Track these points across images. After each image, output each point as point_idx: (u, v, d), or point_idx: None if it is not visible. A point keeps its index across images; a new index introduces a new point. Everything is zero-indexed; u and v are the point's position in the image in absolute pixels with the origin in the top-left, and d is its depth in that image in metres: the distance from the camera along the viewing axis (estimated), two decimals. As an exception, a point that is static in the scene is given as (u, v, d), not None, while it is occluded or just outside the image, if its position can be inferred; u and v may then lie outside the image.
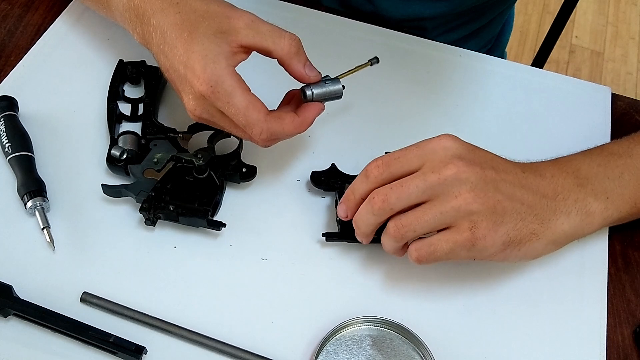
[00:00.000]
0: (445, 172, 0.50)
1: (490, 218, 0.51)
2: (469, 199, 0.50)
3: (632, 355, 0.57)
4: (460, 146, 0.52)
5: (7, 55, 0.72)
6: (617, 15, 2.20)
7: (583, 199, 0.55)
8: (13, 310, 0.53)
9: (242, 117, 0.53)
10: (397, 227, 0.52)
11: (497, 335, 0.57)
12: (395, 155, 0.53)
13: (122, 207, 0.61)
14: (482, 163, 0.52)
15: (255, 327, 0.55)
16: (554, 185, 0.55)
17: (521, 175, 0.54)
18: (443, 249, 0.51)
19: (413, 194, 0.51)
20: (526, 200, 0.53)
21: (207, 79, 0.52)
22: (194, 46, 0.53)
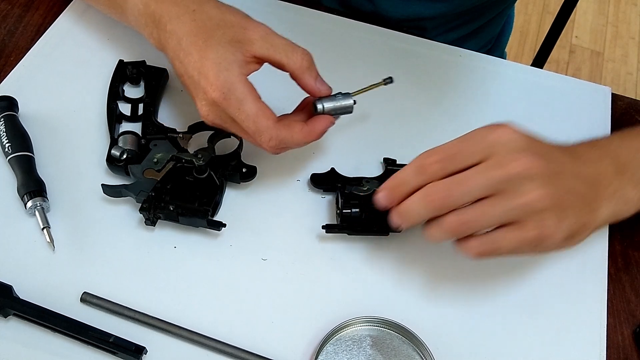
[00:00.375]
0: (512, 168, 0.48)
1: (556, 215, 0.49)
2: (537, 196, 0.48)
3: (632, 355, 0.57)
4: (521, 138, 0.50)
5: (7, 55, 0.72)
6: (617, 15, 2.20)
7: (622, 187, 0.54)
8: (13, 310, 0.53)
9: (251, 124, 0.54)
10: (460, 223, 0.49)
11: (497, 336, 0.57)
12: (453, 148, 0.50)
13: (122, 207, 0.61)
14: (544, 155, 0.50)
15: (255, 327, 0.55)
16: (597, 172, 0.53)
17: (573, 164, 0.52)
18: (508, 247, 0.49)
19: (478, 190, 0.48)
20: (580, 191, 0.51)
21: (219, 85, 0.53)
22: (209, 53, 0.54)
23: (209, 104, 0.55)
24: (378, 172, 0.64)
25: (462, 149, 0.49)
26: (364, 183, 0.61)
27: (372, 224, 0.59)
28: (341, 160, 0.65)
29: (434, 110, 0.70)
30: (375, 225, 0.59)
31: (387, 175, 0.63)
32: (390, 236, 0.61)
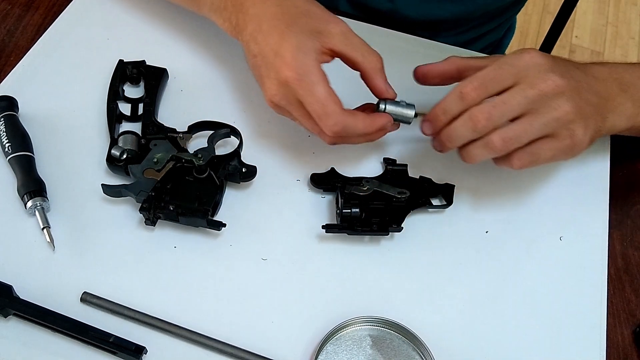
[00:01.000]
0: (544, 88, 0.54)
1: (582, 123, 0.56)
2: (567, 109, 0.54)
3: (632, 355, 0.57)
4: (548, 60, 0.56)
5: (7, 55, 0.72)
6: (617, 15, 2.20)
7: (624, 102, 0.60)
8: (13, 310, 0.53)
9: (320, 107, 0.55)
10: (505, 141, 0.54)
11: (497, 335, 0.57)
12: (488, 75, 0.55)
13: (122, 207, 0.61)
14: (566, 74, 0.56)
15: (255, 327, 0.55)
16: (606, 87, 0.60)
17: (587, 79, 0.59)
18: (546, 156, 0.56)
19: (515, 110, 0.54)
20: (595, 102, 0.58)
21: (295, 66, 0.55)
22: (289, 37, 0.56)
23: (280, 84, 0.57)
24: (378, 172, 0.64)
25: (496, 75, 0.55)
26: (364, 183, 0.61)
27: (371, 223, 0.59)
28: (341, 160, 0.65)
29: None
30: (375, 225, 0.59)
31: (386, 174, 0.63)
32: (391, 236, 0.61)
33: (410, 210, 0.61)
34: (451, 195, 0.63)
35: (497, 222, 0.63)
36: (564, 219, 0.64)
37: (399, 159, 0.65)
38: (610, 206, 0.65)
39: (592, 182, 0.66)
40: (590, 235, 0.63)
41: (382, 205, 0.60)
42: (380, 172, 0.64)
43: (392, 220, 0.60)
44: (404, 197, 0.61)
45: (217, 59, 0.73)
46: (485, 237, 0.62)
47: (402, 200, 0.61)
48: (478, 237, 0.62)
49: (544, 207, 0.64)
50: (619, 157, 0.69)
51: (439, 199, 0.63)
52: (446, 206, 0.63)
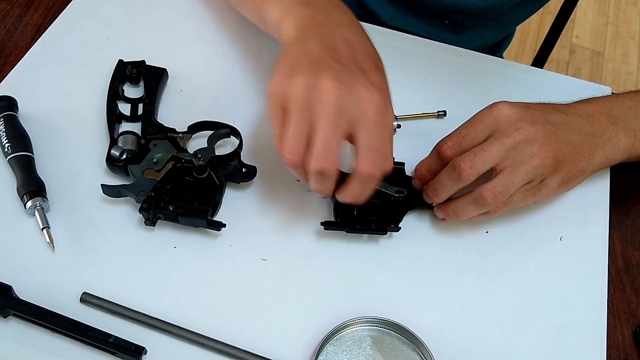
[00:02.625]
0: (518, 136, 0.56)
1: (555, 167, 0.57)
2: (542, 155, 0.56)
3: (632, 355, 0.57)
4: (517, 110, 0.57)
5: (7, 55, 0.72)
6: (617, 15, 2.20)
7: (615, 135, 0.61)
8: (13, 311, 0.53)
9: (387, 147, 0.51)
10: (495, 195, 0.56)
11: (497, 335, 0.56)
12: (462, 133, 0.58)
13: (122, 207, 0.61)
14: (539, 119, 0.57)
15: (255, 327, 0.55)
16: (592, 123, 0.61)
17: (567, 119, 0.59)
18: (518, 201, 0.58)
19: (495, 157, 0.56)
20: (576, 142, 0.59)
21: (340, 81, 0.49)
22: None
23: (308, 83, 0.49)
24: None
25: (468, 132, 0.58)
26: (363, 182, 0.61)
27: (370, 221, 0.59)
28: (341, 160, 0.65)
29: (433, 110, 0.70)
30: (374, 224, 0.59)
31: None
32: (390, 236, 0.61)
33: (408, 210, 0.61)
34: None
35: (497, 222, 0.63)
36: (564, 219, 0.64)
37: (396, 158, 0.64)
38: (611, 206, 0.65)
39: (592, 182, 0.66)
40: (591, 235, 0.63)
41: (379, 203, 0.60)
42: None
43: (390, 219, 0.60)
44: (402, 196, 0.61)
45: (217, 59, 0.73)
46: (485, 237, 0.62)
47: (400, 199, 0.61)
48: (478, 237, 0.62)
49: (544, 207, 0.64)
50: (619, 157, 0.69)
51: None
52: (446, 206, 0.63)
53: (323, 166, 0.50)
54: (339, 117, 0.49)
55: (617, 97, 0.64)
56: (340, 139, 0.50)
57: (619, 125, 0.61)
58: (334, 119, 0.49)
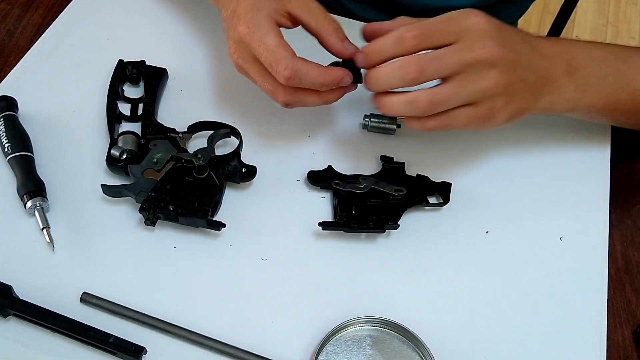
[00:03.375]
0: (480, 54, 0.53)
1: (505, 99, 0.56)
2: (496, 81, 0.54)
3: (632, 355, 0.57)
4: (492, 27, 0.55)
5: (7, 55, 0.72)
6: (617, 15, 2.20)
7: (566, 85, 0.60)
8: (13, 311, 0.53)
9: (270, 54, 0.56)
10: (431, 103, 0.54)
11: (497, 335, 0.56)
12: (432, 27, 0.55)
13: (121, 207, 0.61)
14: (507, 45, 0.55)
15: (255, 327, 0.55)
16: (550, 67, 0.59)
17: (531, 54, 0.57)
18: (460, 123, 0.56)
19: (448, 69, 0.53)
20: (530, 80, 0.57)
21: (247, 21, 0.57)
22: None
23: (236, 41, 0.59)
24: (375, 170, 0.64)
25: (439, 29, 0.54)
26: (361, 180, 0.61)
27: (368, 220, 0.59)
28: (340, 159, 0.65)
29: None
30: (372, 222, 0.59)
31: (383, 172, 0.63)
32: (387, 234, 0.61)
33: (407, 208, 0.61)
34: (448, 193, 0.63)
35: (497, 222, 0.63)
36: (564, 219, 0.64)
37: (396, 157, 0.65)
38: (611, 206, 0.65)
39: (592, 182, 0.66)
40: (591, 235, 0.63)
41: (378, 202, 0.60)
42: (377, 170, 0.64)
43: (389, 218, 0.60)
44: (401, 194, 0.61)
45: (217, 59, 0.73)
46: (485, 237, 0.62)
47: (399, 198, 0.61)
48: (477, 237, 0.62)
49: (544, 207, 0.64)
50: (619, 157, 0.69)
51: (436, 197, 0.63)
52: (443, 204, 0.63)
53: None
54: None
55: (587, 46, 0.62)
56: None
57: (573, 76, 0.60)
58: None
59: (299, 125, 0.68)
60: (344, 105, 0.65)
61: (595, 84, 0.61)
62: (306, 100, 0.59)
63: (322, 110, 0.69)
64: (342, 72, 0.58)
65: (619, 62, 0.62)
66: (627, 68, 0.62)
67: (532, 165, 0.67)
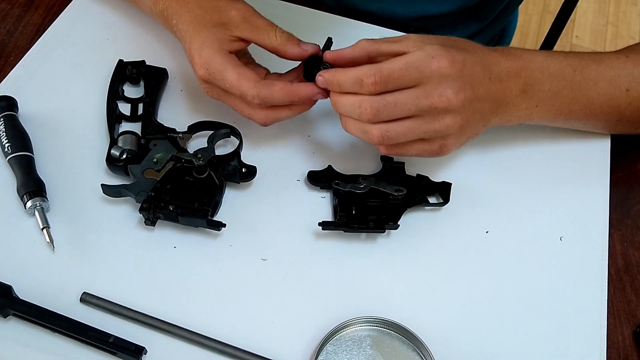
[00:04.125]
0: (437, 102, 0.54)
1: (458, 135, 0.58)
2: (450, 125, 0.56)
3: (632, 355, 0.57)
4: (453, 71, 0.55)
5: (7, 55, 0.72)
6: (618, 15, 2.20)
7: (519, 104, 0.61)
8: (13, 311, 0.53)
9: (236, 89, 0.58)
10: (383, 137, 0.56)
11: (497, 335, 0.56)
12: (393, 74, 0.55)
13: (122, 207, 0.61)
14: (466, 85, 0.56)
15: (255, 327, 0.55)
16: (505, 89, 0.59)
17: (488, 84, 0.58)
18: (411, 153, 0.58)
19: (403, 114, 0.55)
20: (485, 110, 0.59)
21: (202, 63, 0.59)
22: (195, 38, 0.60)
23: (202, 83, 0.61)
24: (375, 170, 0.64)
25: (400, 77, 0.55)
26: (361, 180, 0.61)
27: (368, 220, 0.59)
28: (340, 159, 0.65)
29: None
30: (372, 222, 0.59)
31: (383, 172, 0.63)
32: (387, 234, 0.61)
33: (407, 208, 0.61)
34: (448, 193, 0.63)
35: (497, 222, 0.63)
36: (564, 219, 0.64)
37: (397, 157, 0.65)
38: (610, 206, 0.65)
39: (592, 182, 0.66)
40: (590, 235, 0.63)
41: (378, 202, 0.60)
42: (377, 170, 0.64)
43: (389, 218, 0.60)
44: (401, 194, 0.61)
45: (217, 59, 0.73)
46: (485, 237, 0.62)
47: (399, 197, 0.61)
48: (477, 237, 0.62)
49: (544, 207, 0.64)
50: (619, 157, 0.69)
51: (436, 197, 0.63)
52: (443, 204, 0.63)
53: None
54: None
55: (546, 59, 0.61)
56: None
57: (527, 94, 0.61)
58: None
59: (299, 125, 0.68)
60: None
61: (549, 98, 0.62)
62: (281, 116, 0.61)
63: (322, 110, 0.69)
64: (312, 90, 0.59)
65: (575, 74, 0.62)
66: (583, 79, 0.62)
67: (532, 165, 0.67)
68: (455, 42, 0.58)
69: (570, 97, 0.62)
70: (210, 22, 0.60)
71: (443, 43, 0.56)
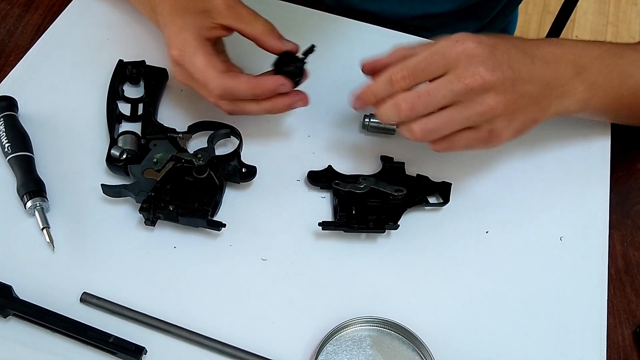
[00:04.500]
0: (471, 82, 0.53)
1: (507, 118, 0.56)
2: (492, 105, 0.54)
3: (632, 355, 0.57)
4: (482, 51, 0.54)
5: (7, 55, 0.72)
6: (617, 15, 2.20)
7: (576, 87, 0.60)
8: (13, 311, 0.53)
9: (200, 75, 0.59)
10: (424, 132, 0.55)
11: (497, 335, 0.56)
12: (419, 65, 0.55)
13: (122, 207, 0.61)
14: (502, 65, 0.54)
15: (255, 327, 0.55)
16: (556, 72, 0.58)
17: (532, 67, 0.57)
18: (461, 145, 0.57)
19: (440, 102, 0.54)
20: (534, 93, 0.57)
21: (177, 44, 0.60)
22: (176, 21, 0.61)
23: (174, 64, 0.61)
24: (375, 170, 0.64)
25: (426, 66, 0.55)
26: (361, 180, 0.62)
27: (368, 220, 0.59)
28: (340, 159, 0.65)
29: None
30: (372, 222, 0.59)
31: (383, 172, 0.63)
32: (387, 234, 0.61)
33: (407, 208, 0.61)
34: (448, 193, 0.63)
35: (497, 222, 0.63)
36: (564, 219, 0.64)
37: (396, 157, 0.65)
38: (610, 206, 0.65)
39: (592, 182, 0.66)
40: (591, 235, 0.63)
41: (378, 202, 0.60)
42: (377, 170, 0.64)
43: (389, 218, 0.60)
44: (401, 194, 0.61)
45: (217, 59, 0.73)
46: (485, 237, 0.62)
47: (399, 197, 0.61)
48: (477, 237, 0.62)
49: (544, 207, 0.64)
50: (619, 157, 0.69)
51: (436, 197, 0.64)
52: (443, 204, 0.63)
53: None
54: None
55: (586, 45, 0.62)
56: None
57: (581, 77, 0.59)
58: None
59: (299, 125, 0.68)
60: (344, 105, 0.65)
61: (602, 82, 0.61)
62: (247, 109, 0.61)
63: (322, 110, 0.69)
64: (276, 81, 0.60)
65: (616, 58, 0.62)
66: (625, 64, 0.62)
67: (532, 165, 0.67)
68: (488, 34, 0.57)
69: (618, 82, 0.62)
70: (194, 8, 0.61)
71: (473, 34, 0.56)
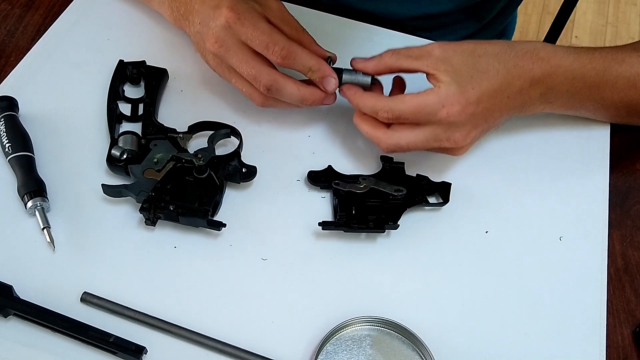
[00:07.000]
0: (446, 144, 0.59)
1: (470, 145, 0.61)
2: (459, 140, 0.59)
3: (632, 355, 0.57)
4: (464, 118, 0.57)
5: (7, 56, 0.72)
6: (617, 15, 2.20)
7: (536, 106, 0.63)
8: (13, 310, 0.53)
9: (267, 36, 0.58)
10: (390, 146, 0.59)
11: (497, 335, 0.57)
12: (404, 114, 0.58)
13: (122, 207, 0.61)
14: (478, 122, 0.59)
15: (255, 327, 0.55)
16: (526, 98, 0.61)
17: (506, 101, 0.60)
18: (417, 147, 0.60)
19: (418, 144, 0.59)
20: (498, 118, 0.61)
21: (236, 9, 0.58)
22: (226, 2, 0.59)
23: (221, 28, 0.58)
24: (375, 170, 0.64)
25: (411, 117, 0.58)
26: (361, 180, 0.62)
27: (368, 220, 0.59)
28: (340, 159, 0.65)
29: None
30: (372, 222, 0.59)
31: (383, 172, 0.63)
32: (387, 234, 0.61)
33: (406, 208, 0.61)
34: (447, 193, 0.63)
35: (497, 222, 0.63)
36: (564, 219, 0.64)
37: (396, 157, 0.65)
38: (610, 206, 0.65)
39: (592, 182, 0.66)
40: (590, 235, 0.63)
41: (378, 202, 0.60)
42: (377, 170, 0.64)
43: (389, 218, 0.60)
44: (401, 194, 0.61)
45: (217, 59, 0.73)
46: (485, 237, 0.62)
47: (399, 197, 0.61)
48: (477, 237, 0.62)
49: (543, 207, 0.64)
50: (619, 157, 0.69)
51: (436, 197, 0.64)
52: (443, 204, 0.63)
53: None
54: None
55: (575, 60, 0.62)
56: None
57: (545, 97, 0.62)
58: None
59: (299, 125, 0.68)
60: (343, 105, 0.65)
61: (565, 98, 0.63)
62: (285, 88, 0.60)
63: (322, 110, 0.69)
64: (319, 96, 0.62)
65: (597, 77, 0.63)
66: (603, 82, 0.63)
67: (531, 165, 0.67)
68: (478, 62, 0.58)
69: (586, 96, 0.64)
70: None
71: (463, 73, 0.57)
